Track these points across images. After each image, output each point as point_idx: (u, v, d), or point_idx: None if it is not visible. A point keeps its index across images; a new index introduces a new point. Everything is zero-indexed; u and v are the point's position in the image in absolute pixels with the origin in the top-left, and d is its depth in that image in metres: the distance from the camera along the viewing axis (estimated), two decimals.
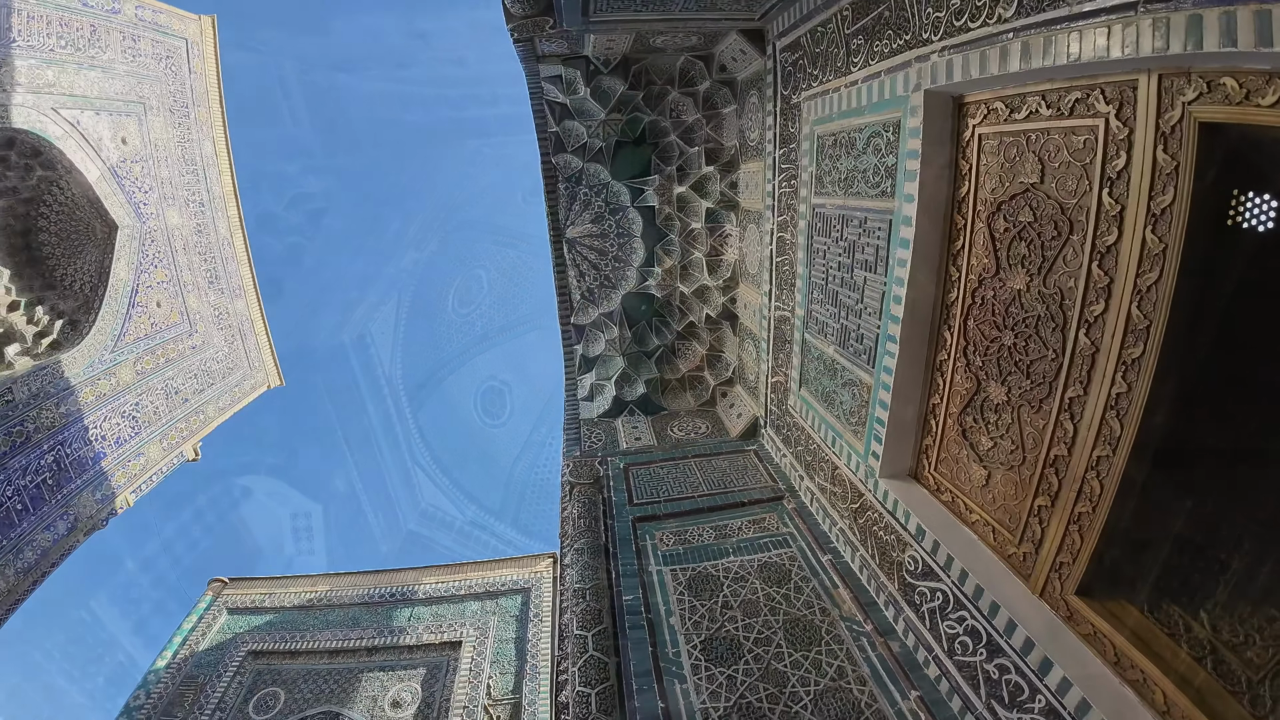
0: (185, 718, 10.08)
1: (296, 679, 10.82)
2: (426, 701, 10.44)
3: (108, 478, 10.09)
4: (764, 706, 3.48)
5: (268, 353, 14.11)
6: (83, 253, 10.80)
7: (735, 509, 5.36)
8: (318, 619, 12.02)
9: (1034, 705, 2.73)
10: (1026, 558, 3.04)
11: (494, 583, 12.45)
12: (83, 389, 9.70)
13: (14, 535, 8.57)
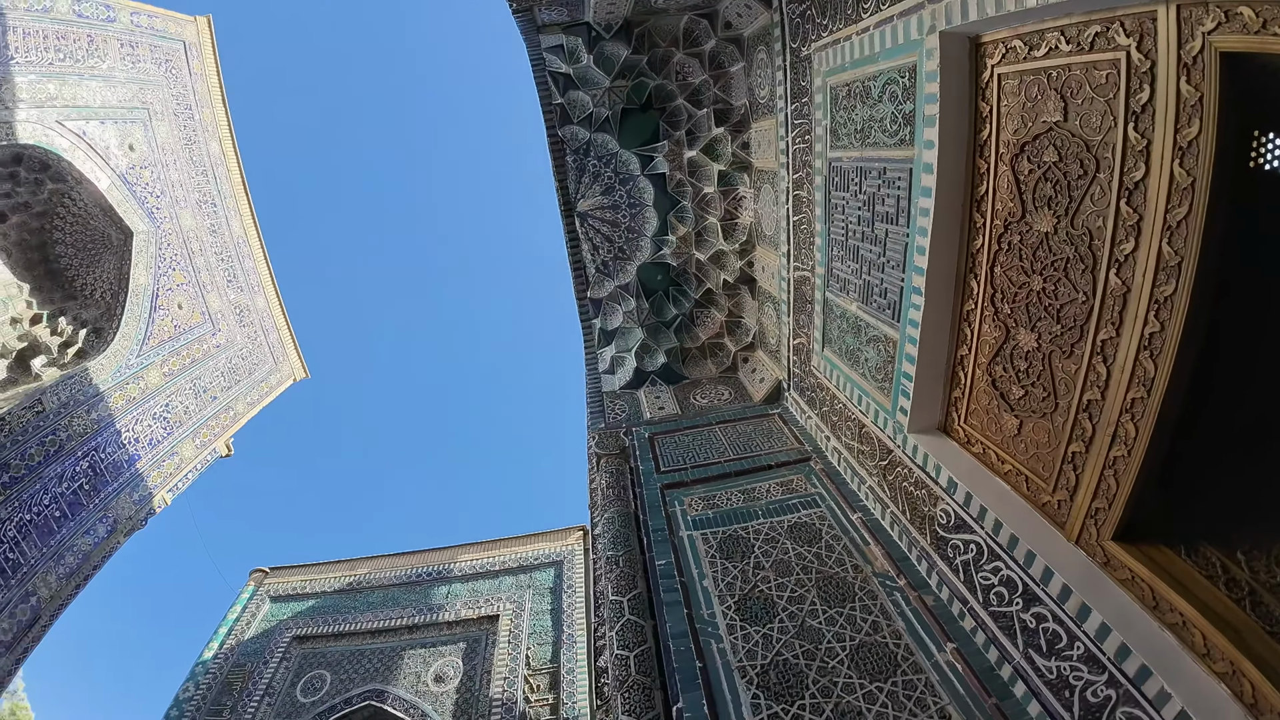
0: (235, 704, 10.56)
1: (341, 660, 11.25)
2: (468, 674, 10.80)
3: (143, 479, 10.40)
4: (801, 662, 3.54)
5: (291, 347, 14.34)
6: (100, 261, 10.98)
7: (762, 472, 5.39)
8: (359, 601, 12.43)
9: (1072, 652, 2.75)
10: (1061, 505, 3.03)
11: (527, 557, 12.73)
12: (112, 394, 9.95)
13: (54, 542, 8.88)
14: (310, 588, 13.01)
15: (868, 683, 3.36)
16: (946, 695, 3.20)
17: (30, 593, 8.44)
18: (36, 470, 8.71)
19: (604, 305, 7.97)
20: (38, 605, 8.52)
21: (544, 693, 10.23)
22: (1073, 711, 2.70)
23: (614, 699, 3.62)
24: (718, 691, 3.45)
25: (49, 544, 8.76)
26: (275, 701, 10.69)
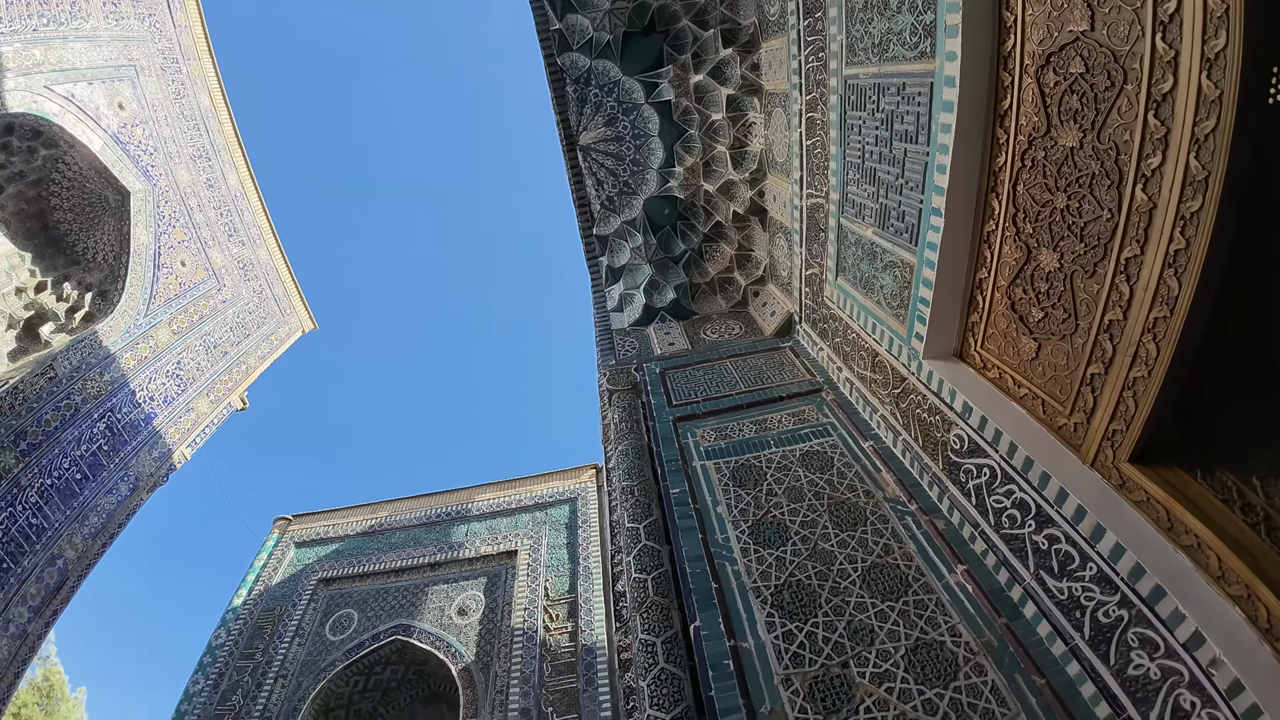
0: (267, 646, 11.18)
1: (367, 599, 11.82)
2: (490, 607, 11.32)
3: (161, 436, 10.66)
4: (813, 583, 3.66)
5: (297, 299, 14.46)
6: (100, 224, 10.97)
7: (774, 403, 5.43)
8: (381, 543, 12.95)
9: (1084, 573, 2.81)
10: (1078, 428, 3.04)
11: (542, 495, 13.13)
12: (123, 355, 10.11)
13: (77, 504, 9.16)
14: (333, 532, 13.54)
15: (879, 602, 3.47)
16: (957, 615, 3.31)
17: (56, 555, 8.77)
18: (54, 435, 8.92)
19: (610, 242, 7.87)
20: (65, 567, 8.87)
21: (563, 621, 10.71)
22: (1083, 631, 2.77)
23: (632, 619, 3.78)
24: (733, 610, 3.59)
25: (71, 506, 9.04)
26: (305, 641, 11.31)
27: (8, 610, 7.89)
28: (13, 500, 8.19)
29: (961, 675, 3.01)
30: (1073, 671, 2.82)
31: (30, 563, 8.28)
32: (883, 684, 3.05)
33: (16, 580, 8.08)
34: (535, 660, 10.18)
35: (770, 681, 3.18)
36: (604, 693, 9.54)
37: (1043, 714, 2.77)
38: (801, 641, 3.34)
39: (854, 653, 3.23)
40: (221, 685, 10.81)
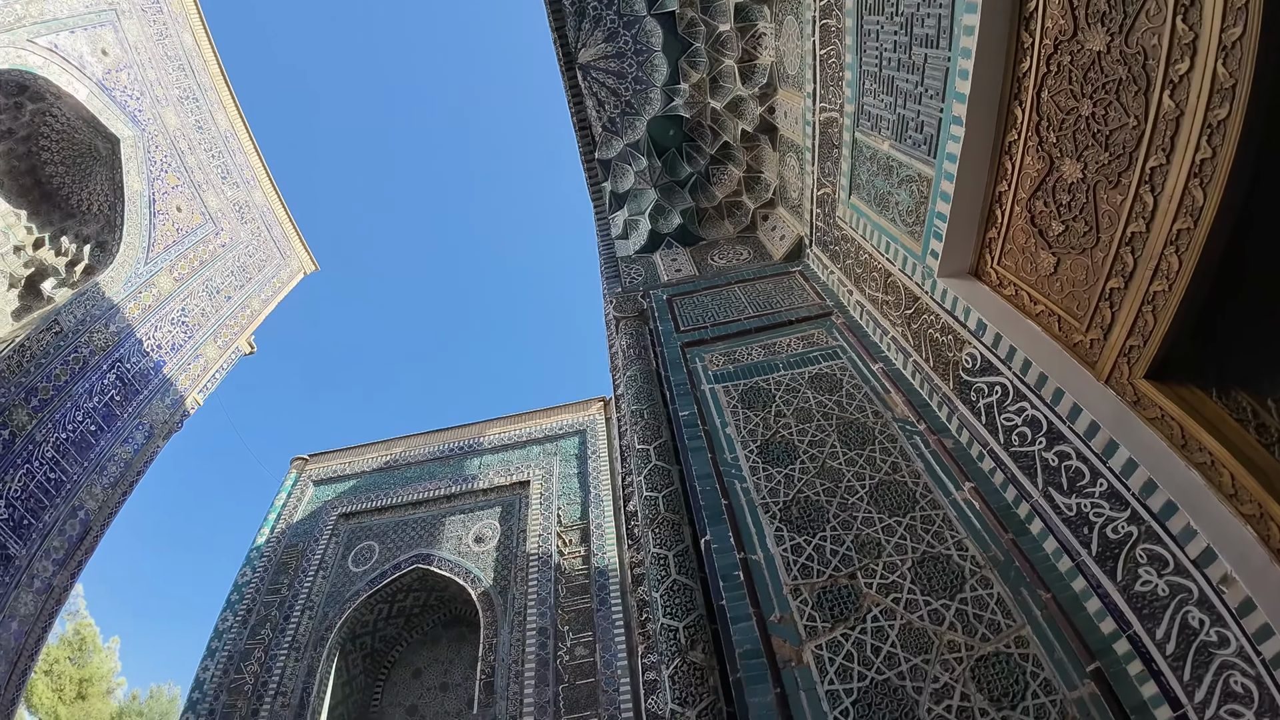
0: (291, 581, 11.76)
1: (387, 531, 12.36)
2: (505, 534, 11.80)
3: (172, 383, 10.83)
4: (821, 499, 3.77)
5: (296, 240, 14.42)
6: (92, 175, 10.86)
7: (783, 328, 5.43)
8: (397, 477, 13.41)
9: (1094, 489, 2.85)
10: (1094, 344, 3.04)
11: (552, 428, 13.45)
12: (127, 305, 10.13)
13: (94, 455, 9.38)
14: (350, 469, 14.01)
15: (886, 517, 3.58)
16: (963, 530, 3.42)
17: (78, 507, 9.05)
18: (65, 389, 9.05)
19: (613, 166, 7.68)
20: (87, 518, 9.17)
21: (575, 546, 11.16)
22: (1090, 548, 2.84)
23: (644, 536, 3.92)
24: (742, 525, 3.73)
25: (89, 458, 9.27)
26: (329, 574, 11.92)
27: (31, 565, 8.19)
28: (29, 456, 8.40)
29: (968, 588, 3.14)
30: (1078, 587, 2.91)
31: (51, 516, 8.56)
32: (890, 594, 3.19)
33: (39, 535, 8.36)
34: (550, 583, 10.66)
35: (779, 591, 3.33)
36: (616, 611, 10.04)
37: (1047, 627, 2.88)
38: (810, 554, 3.48)
39: (861, 565, 3.36)
40: (250, 620, 11.46)
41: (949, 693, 2.74)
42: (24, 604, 8.00)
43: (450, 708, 11.89)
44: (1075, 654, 2.75)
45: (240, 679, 10.72)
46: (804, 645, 3.08)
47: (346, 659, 11.55)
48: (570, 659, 9.73)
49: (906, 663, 2.89)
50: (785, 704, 2.85)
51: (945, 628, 2.99)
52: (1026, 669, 2.77)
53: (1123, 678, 2.60)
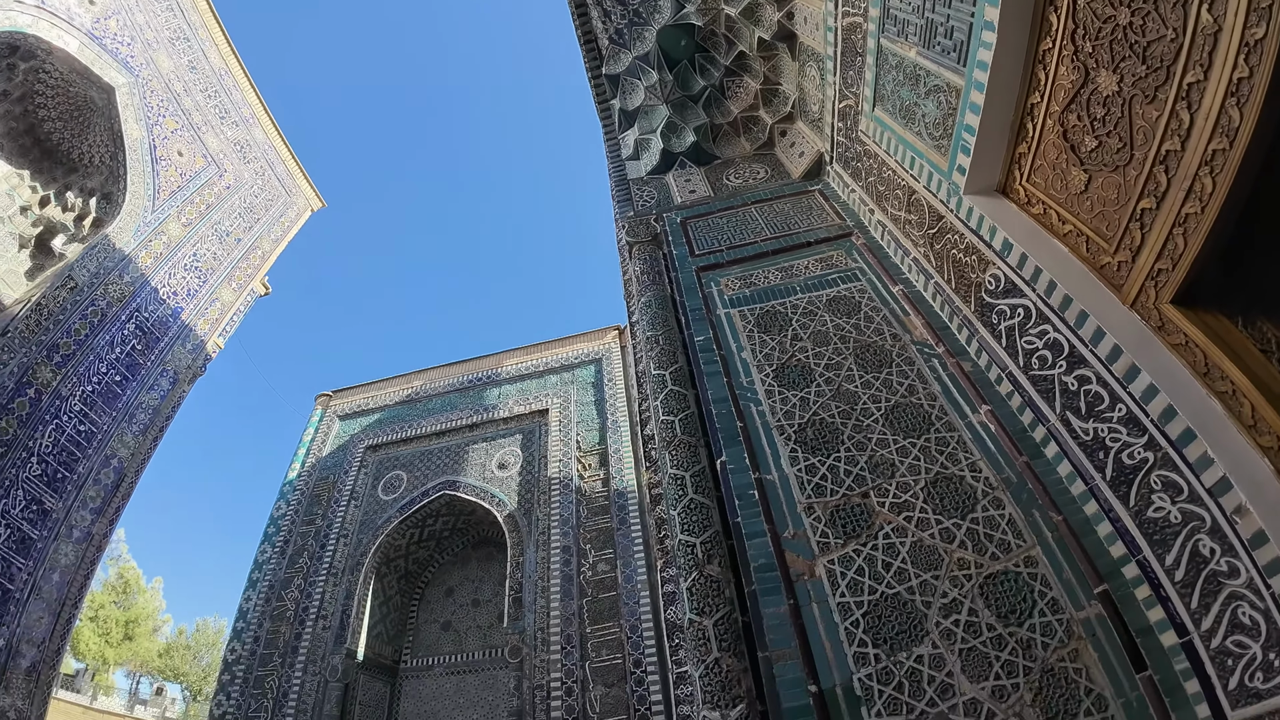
0: (325, 511, 12.48)
1: (413, 460, 12.98)
2: (527, 460, 12.31)
3: (192, 329, 11.12)
4: (836, 421, 3.87)
5: (300, 178, 14.42)
6: (90, 126, 10.85)
7: (801, 249, 5.38)
8: (419, 409, 13.95)
9: (1112, 414, 2.88)
10: (1121, 267, 3.01)
11: (568, 357, 13.74)
12: (138, 254, 10.29)
13: (122, 404, 9.74)
14: (373, 403, 14.57)
15: (901, 439, 3.69)
16: (978, 452, 3.51)
17: (110, 455, 9.46)
18: (86, 343, 9.32)
19: (622, 82, 7.40)
20: (120, 466, 9.59)
21: (595, 470, 11.59)
22: (1105, 472, 2.90)
23: (662, 458, 4.08)
24: (758, 446, 3.86)
25: (116, 407, 9.64)
26: (361, 503, 12.64)
27: (69, 516, 8.68)
28: (57, 412, 8.77)
29: (979, 508, 3.26)
30: (1090, 510, 3.00)
31: (85, 467, 9.01)
32: (902, 513, 3.34)
33: (74, 486, 8.82)
34: (572, 505, 11.16)
35: (793, 509, 3.49)
36: (635, 530, 10.54)
37: (1057, 549, 3.00)
38: (824, 474, 3.61)
39: (874, 484, 3.50)
40: (288, 550, 12.28)
41: (957, 607, 2.91)
42: (64, 554, 8.50)
43: (482, 622, 12.77)
44: (1084, 575, 2.87)
45: (282, 606, 11.60)
46: (816, 560, 3.26)
47: (382, 581, 12.38)
48: (593, 574, 10.31)
49: (916, 578, 3.06)
50: (798, 614, 3.06)
51: (955, 546, 3.14)
52: (1035, 588, 2.91)
53: (1130, 601, 2.71)
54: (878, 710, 2.70)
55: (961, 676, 2.71)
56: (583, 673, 9.34)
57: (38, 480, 8.29)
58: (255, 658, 11.16)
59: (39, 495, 8.28)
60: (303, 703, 10.47)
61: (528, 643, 9.98)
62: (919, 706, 2.67)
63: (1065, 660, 2.67)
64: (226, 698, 10.90)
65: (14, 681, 7.53)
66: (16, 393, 8.29)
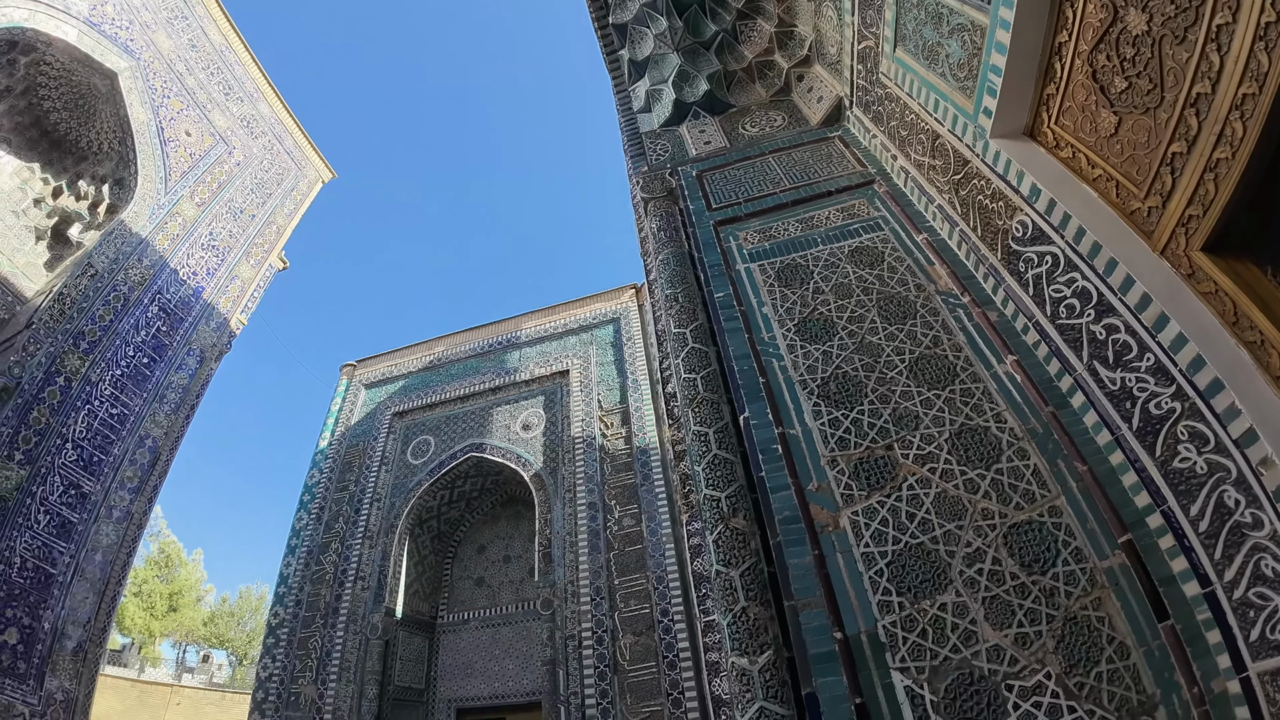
0: (357, 477, 12.98)
1: (440, 425, 13.38)
2: (550, 421, 12.57)
3: (214, 307, 11.42)
4: (860, 374, 3.92)
5: (309, 149, 14.54)
6: (96, 114, 11.00)
7: (821, 199, 5.33)
8: (442, 375, 14.29)
9: (1140, 364, 2.88)
10: (1151, 212, 2.97)
11: (586, 318, 13.86)
12: (155, 237, 10.50)
13: (151, 385, 10.07)
14: (397, 371, 14.95)
15: (925, 390, 3.72)
16: (1003, 402, 3.54)
17: (144, 436, 9.83)
18: (111, 328, 9.59)
19: (630, 31, 7.23)
20: (154, 445, 9.96)
21: (617, 428, 11.79)
22: (1131, 422, 2.91)
23: (684, 415, 4.17)
24: (780, 402, 3.93)
25: (146, 389, 9.97)
26: (391, 468, 13.14)
27: (108, 497, 9.07)
28: (88, 397, 9.08)
29: (1004, 459, 3.31)
30: (1115, 460, 3.02)
31: (120, 449, 9.39)
32: (926, 464, 3.40)
33: (111, 468, 9.20)
34: (596, 463, 11.42)
35: (817, 463, 3.58)
36: (659, 485, 10.78)
37: (1082, 499, 3.05)
38: (847, 427, 3.68)
39: (898, 436, 3.56)
40: (324, 517, 12.85)
41: (980, 556, 3.01)
42: (105, 535, 8.91)
43: (514, 576, 13.28)
44: (1108, 525, 2.92)
45: (321, 569, 12.21)
46: (840, 512, 3.35)
47: (416, 542, 12.91)
48: (619, 529, 10.62)
49: (940, 528, 3.15)
50: (823, 564, 3.18)
51: (980, 496, 3.21)
52: (1059, 537, 2.98)
53: (1153, 551, 2.76)
54: (901, 656, 2.83)
55: (985, 624, 2.82)
56: (612, 622, 9.74)
57: (74, 465, 8.66)
58: (298, 620, 11.82)
59: (76, 480, 8.66)
60: (346, 660, 11.11)
61: (559, 595, 10.39)
62: (942, 653, 2.79)
63: (1088, 609, 2.75)
64: (272, 660, 11.58)
65: (60, 663, 7.92)
66: (46, 382, 8.60)
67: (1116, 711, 2.50)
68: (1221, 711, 2.35)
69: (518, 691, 11.77)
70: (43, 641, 7.76)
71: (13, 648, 7.44)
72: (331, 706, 10.72)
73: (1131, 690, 2.54)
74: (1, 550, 7.60)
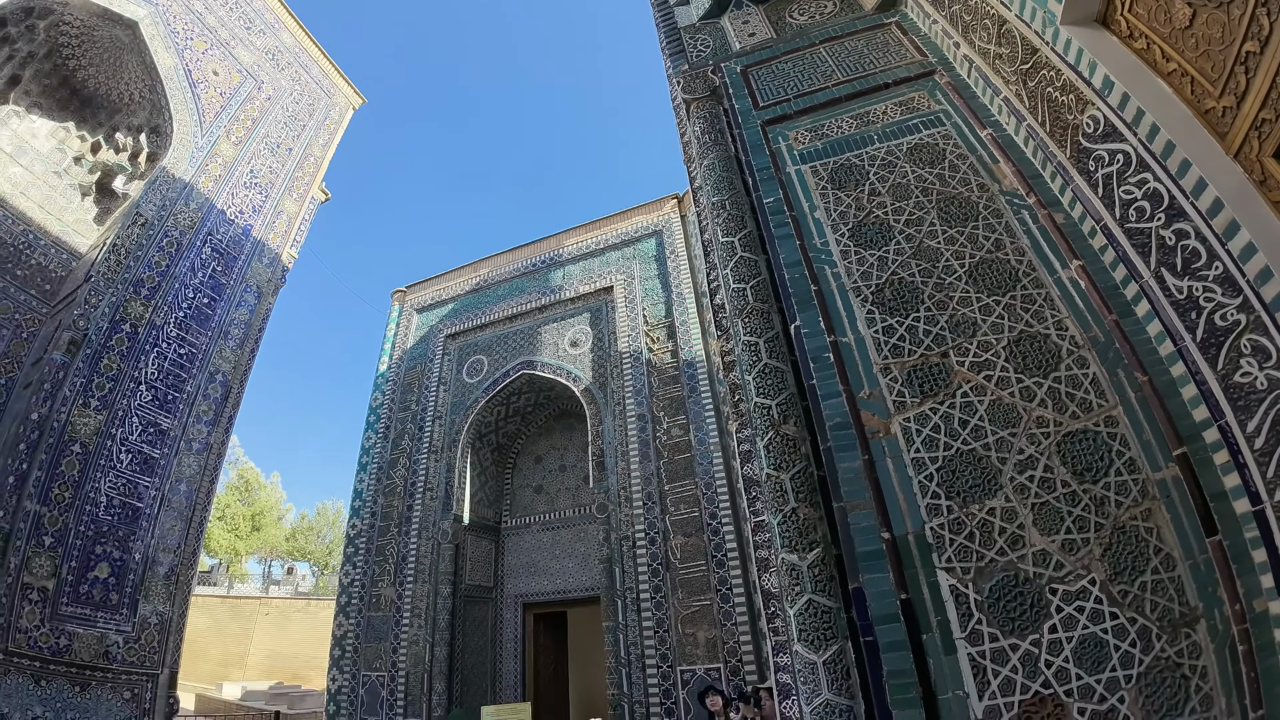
0: (417, 397, 13.83)
1: (491, 345, 13.96)
2: (597, 337, 12.89)
3: (265, 244, 11.80)
4: (917, 280, 3.91)
5: (336, 76, 14.53)
6: (123, 65, 11.10)
7: (877, 93, 5.09)
8: (490, 296, 14.71)
9: (1208, 273, 2.81)
10: (1225, 113, 2.82)
11: (628, 232, 13.83)
12: (198, 180, 10.77)
13: (215, 323, 10.58)
14: (446, 294, 15.45)
15: (985, 296, 3.71)
16: (1065, 309, 3.52)
17: (214, 371, 10.42)
18: (168, 272, 10.05)
19: None
20: (225, 380, 10.57)
21: (663, 342, 11.99)
22: (1195, 334, 2.88)
23: (733, 326, 4.24)
24: (832, 309, 3.97)
25: (210, 327, 10.50)
26: (449, 387, 13.95)
27: (186, 431, 9.78)
28: (155, 340, 9.64)
29: (1063, 367, 3.34)
30: (1176, 372, 3.02)
31: (193, 385, 10.04)
32: (981, 372, 3.46)
33: (185, 405, 9.86)
34: (643, 376, 11.73)
35: (869, 370, 3.67)
36: (705, 397, 11.07)
37: (1139, 410, 3.07)
38: (901, 335, 3.73)
39: (954, 344, 3.60)
40: (390, 435, 13.85)
41: (1032, 464, 3.12)
42: (187, 466, 9.67)
43: (570, 484, 14.07)
44: (1163, 438, 2.96)
45: (391, 483, 13.26)
46: (892, 418, 3.47)
47: (478, 454, 13.79)
48: (667, 439, 11.05)
49: (993, 435, 3.26)
50: (872, 469, 3.35)
51: (1035, 404, 3.27)
52: (1113, 448, 3.04)
53: (1207, 465, 2.80)
54: (948, 557, 3.02)
55: (1033, 529, 2.97)
56: (664, 524, 10.34)
57: (150, 405, 9.33)
58: (374, 530, 12.99)
59: (154, 419, 9.34)
60: (420, 563, 12.23)
61: (612, 500, 11.02)
62: (989, 555, 2.97)
63: (1137, 519, 2.86)
64: (353, 566, 12.83)
65: (153, 589, 8.76)
66: (112, 330, 9.14)
67: (1158, 621, 2.65)
68: (1261, 630, 2.46)
69: (578, 587, 12.75)
70: (134, 571, 8.60)
71: (104, 581, 8.24)
72: (410, 605, 11.92)
73: (1174, 601, 2.67)
74: (87, 491, 8.32)
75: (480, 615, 12.86)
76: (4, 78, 10.70)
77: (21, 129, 11.15)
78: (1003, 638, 2.81)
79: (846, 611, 3.12)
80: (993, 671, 2.77)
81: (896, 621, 2.97)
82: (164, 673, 8.52)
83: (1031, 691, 2.69)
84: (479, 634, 12.69)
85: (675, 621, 9.66)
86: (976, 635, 2.85)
